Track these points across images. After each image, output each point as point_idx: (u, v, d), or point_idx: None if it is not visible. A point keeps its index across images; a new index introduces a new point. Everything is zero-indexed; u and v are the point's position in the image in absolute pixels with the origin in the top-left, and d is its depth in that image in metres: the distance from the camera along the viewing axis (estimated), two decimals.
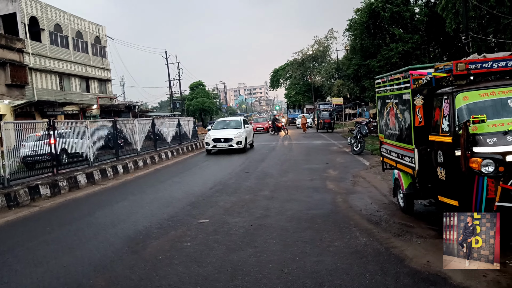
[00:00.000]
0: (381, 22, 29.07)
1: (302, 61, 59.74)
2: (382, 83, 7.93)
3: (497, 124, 5.17)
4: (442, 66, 6.14)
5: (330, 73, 53.80)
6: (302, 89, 61.18)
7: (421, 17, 27.87)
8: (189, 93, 67.79)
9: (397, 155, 7.21)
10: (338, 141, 24.38)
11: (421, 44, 28.79)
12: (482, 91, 5.48)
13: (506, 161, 4.95)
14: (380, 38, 30.09)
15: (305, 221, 7.01)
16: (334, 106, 44.09)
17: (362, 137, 17.09)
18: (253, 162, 16.06)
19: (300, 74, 60.56)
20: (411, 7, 28.42)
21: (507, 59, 5.66)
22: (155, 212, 8.32)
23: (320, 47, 57.83)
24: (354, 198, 8.76)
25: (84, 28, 35.57)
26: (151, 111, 53.52)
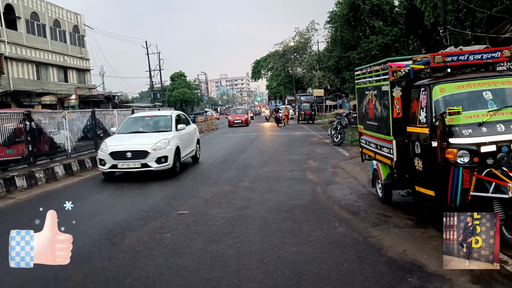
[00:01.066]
0: (361, 15, 29.24)
1: (283, 53, 59.76)
2: (362, 74, 7.99)
3: (472, 116, 5.28)
4: (420, 58, 6.21)
5: (311, 64, 53.93)
6: (283, 80, 61.31)
7: (400, 10, 28.13)
8: (170, 84, 67.18)
9: (376, 146, 7.30)
10: (318, 132, 24.54)
11: (401, 36, 29.09)
12: (458, 83, 5.58)
13: (480, 152, 5.07)
14: (360, 31, 30.28)
15: (284, 212, 7.06)
16: (315, 97, 44.24)
17: (342, 128, 17.23)
18: (234, 153, 16.04)
19: (281, 65, 60.63)
20: (390, 0, 28.64)
21: (483, 52, 5.76)
22: (134, 204, 8.25)
23: (302, 39, 57.92)
24: (334, 188, 8.85)
25: (62, 16, 34.77)
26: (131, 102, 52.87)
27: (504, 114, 5.24)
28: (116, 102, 40.68)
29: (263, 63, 66.48)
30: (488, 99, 5.42)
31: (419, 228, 5.82)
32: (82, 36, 37.73)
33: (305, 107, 36.52)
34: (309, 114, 35.59)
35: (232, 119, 38.21)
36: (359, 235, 5.70)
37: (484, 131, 5.15)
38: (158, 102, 54.40)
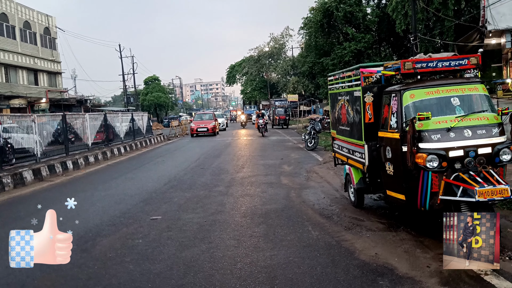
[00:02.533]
0: (335, 21, 29.69)
1: (258, 58, 59.95)
2: (334, 80, 8.10)
3: (441, 121, 5.41)
4: (391, 64, 6.34)
5: (285, 70, 54.30)
6: (258, 85, 61.49)
7: (372, 18, 28.72)
8: (144, 88, 66.44)
9: (348, 151, 7.40)
10: (293, 137, 24.69)
11: (373, 43, 29.67)
12: (427, 90, 5.72)
13: (449, 156, 5.20)
14: (334, 37, 30.73)
15: (259, 216, 7.06)
16: (289, 102, 44.59)
17: (315, 133, 17.41)
18: (209, 157, 15.97)
19: (256, 70, 60.80)
20: (363, 8, 29.21)
21: (450, 59, 5.92)
22: (106, 209, 8.10)
23: (276, 44, 58.24)
24: (308, 193, 8.92)
25: (33, 18, 33.95)
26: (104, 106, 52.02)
27: (471, 120, 5.40)
28: (88, 106, 39.93)
29: (238, 68, 66.54)
30: (456, 105, 5.57)
31: (390, 232, 5.93)
32: (54, 38, 36.91)
33: (280, 112, 36.72)
34: (284, 119, 35.80)
35: (195, 127, 29.70)
36: (332, 239, 5.76)
37: (452, 136, 5.29)
38: (132, 106, 53.69)
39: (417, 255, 4.98)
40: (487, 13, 17.15)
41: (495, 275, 4.33)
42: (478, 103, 5.66)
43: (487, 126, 5.38)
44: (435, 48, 23.39)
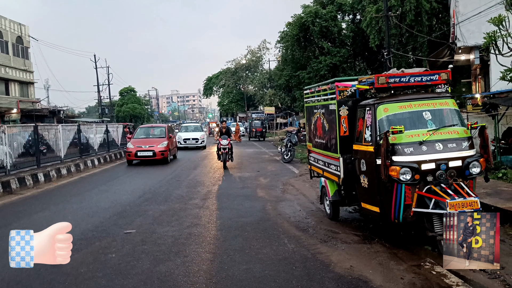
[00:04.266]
0: (311, 36, 30.14)
1: (235, 70, 60.23)
2: (310, 93, 8.20)
3: (413, 135, 5.54)
4: (365, 79, 6.47)
5: (262, 82, 54.71)
6: (235, 97, 61.69)
7: (347, 33, 29.29)
8: (119, 99, 65.63)
9: (324, 164, 7.47)
10: (269, 149, 24.77)
11: (348, 58, 30.21)
12: (400, 104, 5.85)
13: (421, 169, 5.32)
14: (310, 51, 31.16)
15: (235, 229, 7.02)
16: (266, 115, 44.86)
17: (292, 146, 17.52)
18: (185, 170, 15.84)
19: (233, 82, 61.04)
20: (338, 23, 29.76)
21: (422, 75, 6.09)
22: (78, 223, 7.89)
23: (253, 57, 58.69)
24: (284, 205, 8.93)
25: (5, 26, 33.24)
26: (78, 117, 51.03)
27: (442, 133, 5.55)
28: (61, 116, 39.10)
29: (215, 80, 66.63)
30: (428, 119, 5.72)
31: (365, 244, 5.98)
32: (26, 48, 36.18)
33: (256, 125, 36.87)
34: (260, 132, 35.95)
35: (133, 150, 18.18)
36: (308, 251, 5.77)
37: (424, 150, 5.42)
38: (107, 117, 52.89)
39: (391, 267, 5.04)
40: (456, 30, 17.73)
41: (466, 286, 4.42)
42: (449, 117, 5.82)
43: (458, 140, 5.53)
44: (408, 63, 24.01)
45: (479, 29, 16.90)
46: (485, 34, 9.12)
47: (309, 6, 30.08)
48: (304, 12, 29.54)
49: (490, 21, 9.17)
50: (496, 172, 10.04)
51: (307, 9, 29.58)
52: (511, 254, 5.30)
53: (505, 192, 7.72)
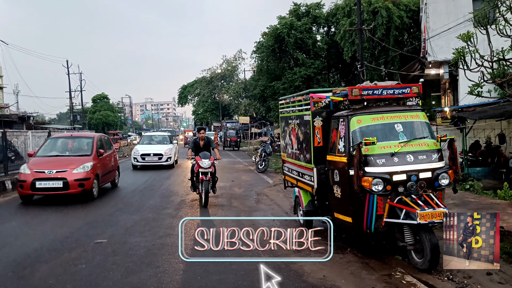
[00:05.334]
0: (286, 47, 30.48)
1: (210, 79, 60.16)
2: (285, 104, 8.27)
3: (385, 146, 5.66)
4: (339, 91, 6.59)
5: (237, 92, 54.81)
6: (210, 106, 61.54)
7: (322, 45, 29.75)
8: (92, 106, 64.48)
9: (298, 174, 7.52)
10: (244, 159, 24.78)
11: (322, 69, 30.66)
12: (373, 116, 5.98)
13: (393, 180, 5.43)
14: (285, 62, 31.49)
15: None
16: (241, 124, 44.95)
17: (266, 156, 17.59)
18: (158, 179, 15.65)
19: (208, 91, 60.90)
20: (313, 35, 30.21)
21: (394, 88, 6.24)
22: (47, 233, 7.69)
23: (229, 67, 58.81)
24: (257, 215, 8.93)
25: None
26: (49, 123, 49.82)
27: (413, 145, 5.69)
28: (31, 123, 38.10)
29: (190, 88, 66.33)
30: (399, 131, 5.86)
31: (338, 254, 6.04)
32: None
33: (231, 134, 36.89)
34: (235, 141, 35.98)
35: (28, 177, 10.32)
36: (281, 262, 5.77)
37: (396, 161, 5.54)
38: (78, 124, 51.86)
39: (363, 276, 5.10)
40: (427, 45, 18.27)
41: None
42: (419, 129, 5.98)
43: (428, 152, 5.69)
44: (380, 76, 24.57)
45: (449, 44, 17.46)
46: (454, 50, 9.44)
47: (285, 18, 30.45)
48: (280, 23, 29.89)
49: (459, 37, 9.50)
50: (464, 184, 10.33)
51: (283, 20, 29.94)
52: None
53: (472, 203, 7.95)
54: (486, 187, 10.41)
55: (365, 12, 23.51)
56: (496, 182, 11.45)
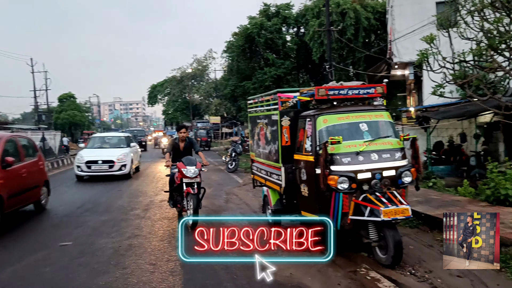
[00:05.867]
0: (257, 47, 30.58)
1: (181, 79, 59.62)
2: (254, 103, 8.33)
3: (351, 145, 5.78)
4: (306, 91, 6.69)
5: (208, 92, 54.56)
6: (180, 106, 60.99)
7: (292, 45, 30.00)
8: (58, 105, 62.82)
9: (266, 173, 7.58)
10: (214, 159, 24.69)
11: (292, 69, 30.91)
12: (339, 115, 6.10)
13: (358, 178, 5.56)
14: (255, 62, 31.57)
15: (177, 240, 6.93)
16: (212, 124, 44.78)
17: (236, 156, 17.62)
18: (127, 181, 15.40)
19: (178, 91, 60.33)
20: (283, 35, 30.42)
21: (360, 88, 6.39)
22: None
23: (199, 66, 58.46)
24: (226, 214, 8.94)
25: None
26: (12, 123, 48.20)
27: (377, 144, 5.84)
28: None
29: (160, 88, 65.53)
30: (364, 130, 6.00)
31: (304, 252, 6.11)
32: None
33: (202, 134, 36.71)
34: (205, 141, 35.81)
35: None
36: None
37: (361, 160, 5.67)
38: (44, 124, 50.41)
39: (329, 274, 5.20)
40: (393, 46, 18.72)
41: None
42: (384, 129, 6.13)
43: (391, 151, 5.85)
44: (348, 76, 24.99)
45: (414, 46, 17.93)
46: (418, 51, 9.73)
47: (255, 18, 30.53)
48: (250, 23, 29.94)
49: (423, 39, 9.79)
50: (427, 182, 10.66)
51: (253, 20, 30.01)
52: (438, 259, 5.61)
53: (434, 200, 8.21)
54: (448, 185, 10.76)
55: (333, 13, 23.86)
56: (458, 180, 11.84)
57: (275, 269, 4.37)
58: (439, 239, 6.42)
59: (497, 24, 8.94)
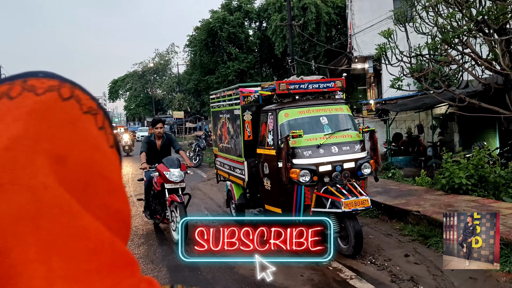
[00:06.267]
0: (219, 41, 30.41)
1: (143, 73, 58.56)
2: (216, 98, 8.29)
3: (311, 139, 5.86)
4: (267, 85, 6.71)
5: (171, 86, 53.88)
6: (142, 101, 59.89)
7: (254, 39, 30.04)
8: None
9: (230, 168, 7.58)
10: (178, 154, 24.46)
11: (255, 63, 30.97)
12: (300, 109, 6.16)
13: (319, 171, 5.64)
14: (218, 56, 31.41)
15: (140, 237, 6.87)
16: (175, 119, 44.23)
17: (200, 150, 17.52)
18: None
19: (140, 86, 59.24)
20: (246, 29, 30.39)
21: (319, 82, 6.48)
22: None
23: (162, 60, 57.59)
24: (191, 210, 8.84)
25: None
26: None
27: (337, 137, 5.94)
28: None
29: (121, 83, 64.03)
30: (324, 123, 6.09)
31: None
32: None
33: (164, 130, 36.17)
34: None
35: None
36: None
37: (322, 153, 5.76)
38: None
39: (291, 265, 5.27)
40: (353, 41, 19.06)
41: (359, 278, 4.78)
42: (343, 122, 6.25)
43: (351, 143, 5.97)
44: (310, 71, 25.27)
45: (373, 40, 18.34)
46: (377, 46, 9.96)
47: (217, 12, 30.33)
48: (212, 17, 29.73)
49: (380, 34, 10.03)
50: (387, 172, 10.96)
51: (215, 14, 29.81)
52: (397, 247, 5.83)
53: (393, 190, 8.46)
54: (407, 175, 11.11)
55: (295, 7, 24.02)
56: (416, 170, 12.26)
57: (275, 269, 4.33)
58: (398, 228, 6.64)
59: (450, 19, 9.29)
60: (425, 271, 4.91)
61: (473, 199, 6.99)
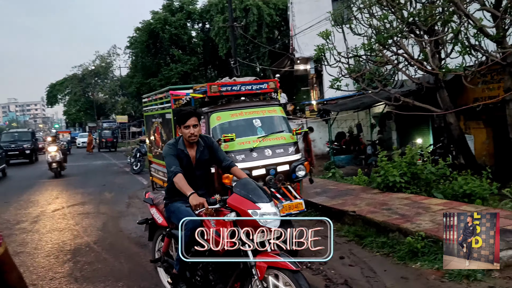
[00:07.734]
0: (161, 43, 29.76)
1: (83, 77, 56.22)
2: (148, 102, 7.94)
3: (244, 142, 5.69)
4: (199, 87, 6.46)
5: (113, 90, 52.19)
6: (83, 106, 57.47)
7: (197, 41, 29.68)
8: None
9: (164, 174, 7.25)
10: (120, 160, 23.62)
11: (199, 65, 30.60)
12: (232, 112, 5.97)
13: (252, 175, 5.46)
14: (161, 58, 30.74)
15: (66, 254, 6.36)
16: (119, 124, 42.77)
17: (141, 156, 16.90)
18: (15, 188, 14.03)
19: (81, 90, 56.83)
20: (188, 31, 29.96)
21: (252, 83, 6.31)
22: None
23: (103, 63, 55.56)
24: (127, 220, 8.45)
25: None
26: None
27: (271, 140, 5.80)
28: None
29: (59, 87, 61.05)
30: (258, 126, 5.93)
31: None
32: None
33: (107, 134, 34.84)
34: (111, 142, 34.11)
35: None
36: (144, 269, 5.48)
37: (255, 156, 5.59)
38: None
39: None
40: (294, 42, 19.22)
41: None
42: (277, 124, 6.13)
43: (285, 145, 5.84)
44: (254, 72, 25.27)
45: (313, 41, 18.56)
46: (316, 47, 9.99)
47: (158, 13, 29.67)
48: (153, 18, 29.07)
49: (319, 35, 10.08)
50: (327, 172, 11.03)
51: (156, 15, 29.16)
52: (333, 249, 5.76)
53: (331, 191, 8.46)
54: (348, 173, 11.24)
55: (237, 9, 23.94)
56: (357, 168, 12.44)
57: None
58: (335, 229, 6.59)
59: (383, 21, 9.47)
60: (359, 273, 4.86)
61: (406, 196, 7.10)
